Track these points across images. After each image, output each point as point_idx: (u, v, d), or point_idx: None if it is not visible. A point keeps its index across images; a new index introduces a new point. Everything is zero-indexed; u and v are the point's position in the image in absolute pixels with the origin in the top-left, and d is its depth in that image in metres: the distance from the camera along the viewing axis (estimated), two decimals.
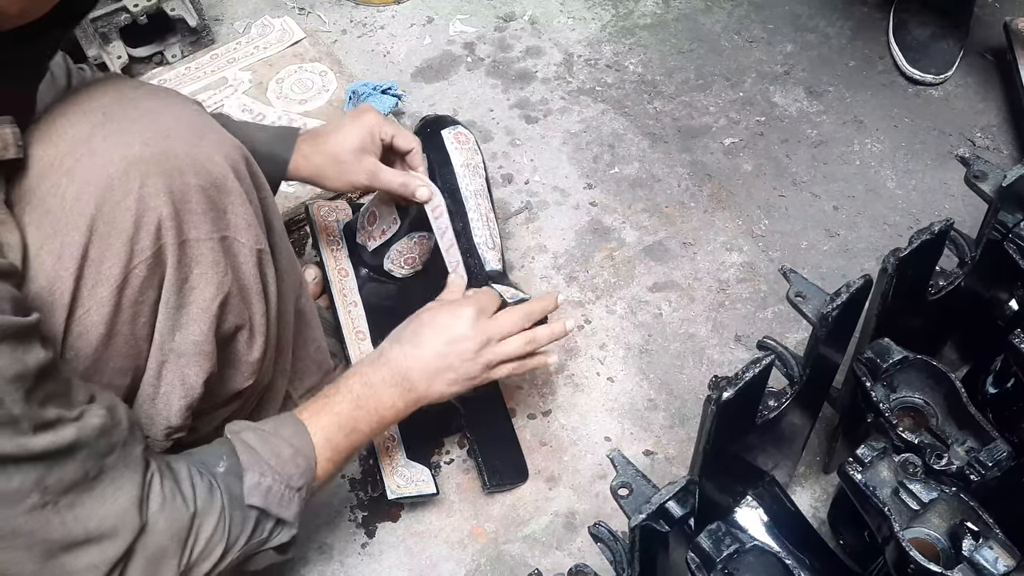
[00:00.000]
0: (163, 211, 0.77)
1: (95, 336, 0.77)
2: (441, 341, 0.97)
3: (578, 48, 1.72)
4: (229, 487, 0.81)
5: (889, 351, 0.88)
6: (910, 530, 0.80)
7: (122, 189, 0.75)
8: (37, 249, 0.73)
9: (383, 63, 1.69)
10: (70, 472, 0.68)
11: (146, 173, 0.76)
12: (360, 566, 1.11)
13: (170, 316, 0.80)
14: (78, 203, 0.74)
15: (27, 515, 0.66)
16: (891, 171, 1.51)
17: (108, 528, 0.71)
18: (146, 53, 1.62)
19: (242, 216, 0.83)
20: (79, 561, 0.71)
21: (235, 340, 0.88)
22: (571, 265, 1.40)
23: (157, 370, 0.82)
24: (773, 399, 0.89)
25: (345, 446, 0.91)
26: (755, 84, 1.65)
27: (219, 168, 0.81)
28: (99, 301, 0.76)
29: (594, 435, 1.22)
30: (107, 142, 0.75)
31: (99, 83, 0.81)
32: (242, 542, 0.81)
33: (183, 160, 0.78)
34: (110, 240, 0.75)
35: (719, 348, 1.30)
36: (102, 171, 0.74)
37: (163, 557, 0.75)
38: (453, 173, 1.17)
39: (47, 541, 0.68)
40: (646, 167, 1.53)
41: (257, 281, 0.86)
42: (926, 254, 0.89)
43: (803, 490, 1.15)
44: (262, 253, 0.86)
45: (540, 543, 1.13)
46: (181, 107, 0.82)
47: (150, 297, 0.79)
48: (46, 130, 0.76)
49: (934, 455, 0.82)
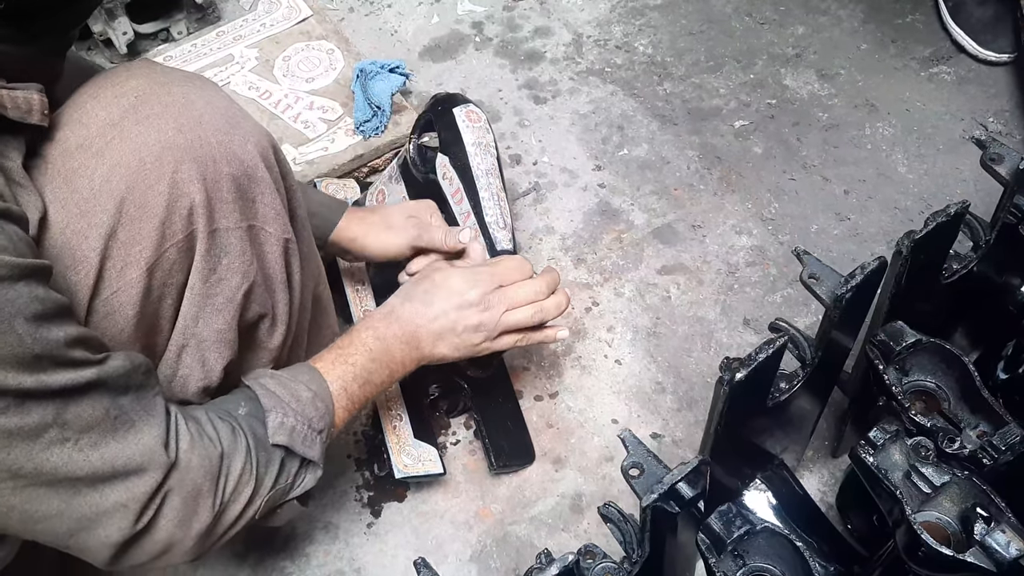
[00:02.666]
0: (196, 197, 0.76)
1: (124, 317, 0.77)
2: (451, 305, 0.97)
3: (587, 28, 1.70)
4: (252, 428, 0.80)
5: (902, 334, 0.87)
6: (921, 513, 0.80)
7: (155, 173, 0.75)
8: (62, 228, 0.73)
9: (390, 42, 1.68)
10: (89, 410, 0.68)
11: (180, 159, 0.75)
12: (366, 546, 1.11)
13: (195, 303, 0.80)
14: (108, 184, 0.73)
15: (47, 451, 0.66)
16: (902, 155, 1.50)
17: (135, 465, 0.71)
18: (152, 30, 1.60)
19: (270, 206, 0.83)
20: (106, 500, 0.70)
21: (257, 328, 0.88)
22: (579, 247, 1.39)
23: (177, 353, 0.82)
24: (784, 381, 0.88)
25: (359, 396, 0.91)
26: (766, 66, 1.63)
27: (250, 157, 0.80)
28: (128, 282, 0.76)
29: (601, 417, 1.21)
30: (140, 126, 0.75)
31: (130, 67, 0.81)
32: (269, 483, 0.80)
33: (215, 148, 0.78)
34: (141, 223, 0.75)
35: (727, 331, 1.30)
36: (134, 154, 0.74)
37: (199, 495, 0.75)
38: (464, 152, 1.16)
39: (71, 479, 0.68)
40: (655, 149, 1.52)
41: (282, 271, 0.86)
42: (941, 237, 0.88)
43: (811, 474, 1.14)
44: (288, 243, 0.86)
45: (546, 524, 1.12)
46: (213, 94, 0.81)
47: (178, 280, 0.79)
48: (75, 112, 0.76)
49: (946, 439, 0.82)
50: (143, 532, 0.73)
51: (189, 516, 0.75)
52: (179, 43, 1.60)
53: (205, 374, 0.85)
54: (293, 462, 0.83)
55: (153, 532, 0.73)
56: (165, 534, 0.74)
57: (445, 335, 0.97)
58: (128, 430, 0.71)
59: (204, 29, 1.63)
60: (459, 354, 0.99)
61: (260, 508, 0.80)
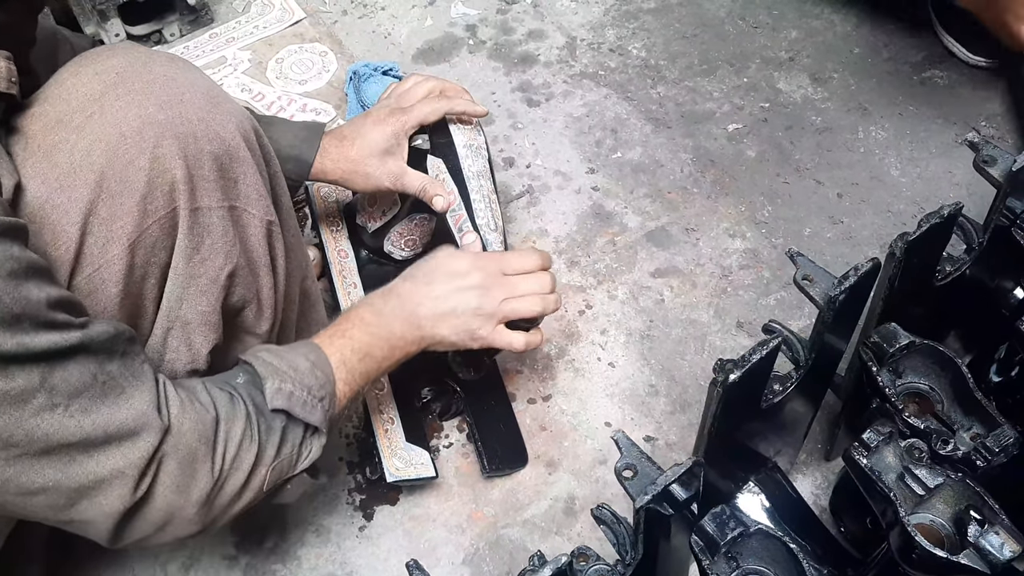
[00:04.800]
0: (177, 173, 0.76)
1: (107, 296, 0.76)
2: (453, 286, 0.96)
3: (581, 32, 1.70)
4: (251, 396, 0.80)
5: (896, 336, 0.87)
6: (915, 515, 0.79)
7: (136, 147, 0.74)
8: (42, 202, 0.72)
9: (384, 44, 1.68)
10: (76, 374, 0.67)
11: (161, 135, 0.75)
12: (358, 549, 1.10)
13: (179, 284, 0.80)
14: (88, 158, 0.73)
15: (36, 417, 0.65)
16: (895, 159, 1.50)
17: (128, 430, 0.70)
18: (144, 31, 1.60)
19: (252, 187, 0.82)
20: (103, 467, 0.69)
21: (243, 314, 0.87)
22: (572, 250, 1.39)
23: (163, 336, 0.82)
24: (778, 383, 0.88)
25: (359, 370, 0.89)
26: (759, 70, 1.64)
27: (232, 137, 0.80)
28: (110, 259, 0.75)
29: (594, 420, 1.21)
30: (120, 101, 0.75)
31: (112, 48, 0.81)
32: (271, 451, 0.79)
33: (197, 126, 0.77)
34: (122, 198, 0.74)
35: (721, 334, 1.29)
36: (114, 129, 0.74)
37: (195, 460, 0.74)
38: (455, 153, 1.15)
39: (64, 445, 0.67)
40: (649, 152, 1.52)
41: (266, 254, 0.86)
42: (934, 239, 0.88)
43: (804, 477, 1.14)
44: (271, 225, 0.86)
45: (539, 528, 1.12)
46: (194, 75, 0.81)
47: (161, 259, 0.78)
48: (57, 88, 0.76)
49: (940, 440, 0.82)
50: (143, 500, 0.72)
51: (187, 482, 0.74)
52: (172, 45, 1.60)
53: (192, 357, 0.84)
54: (296, 429, 0.82)
55: (152, 499, 0.72)
56: (164, 501, 0.73)
57: (445, 316, 0.95)
58: (119, 395, 0.70)
59: (197, 31, 1.63)
60: (458, 338, 0.97)
61: (266, 478, 0.79)
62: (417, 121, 1.11)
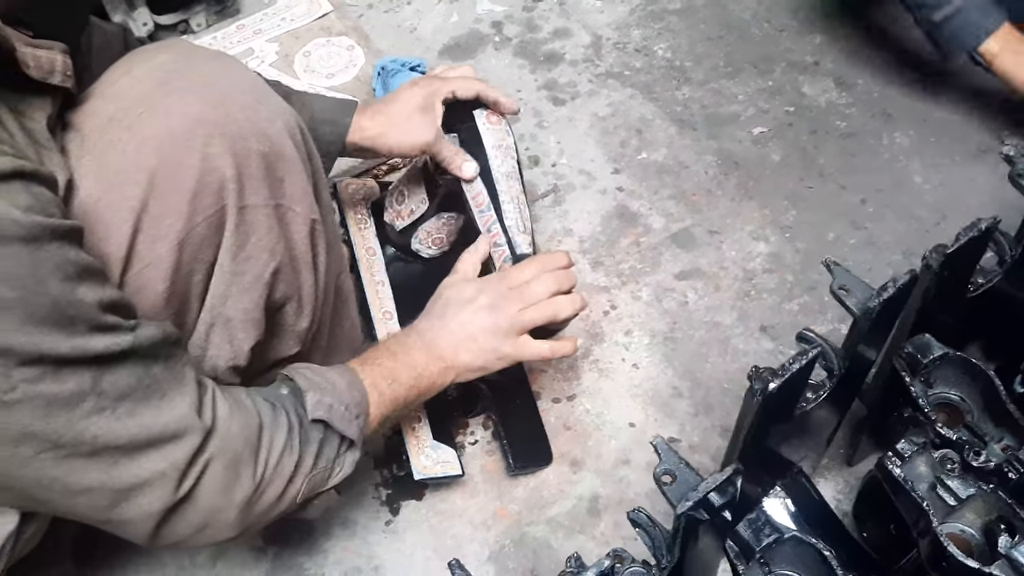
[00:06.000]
0: (227, 172, 0.77)
1: (155, 292, 0.77)
2: (464, 314, 0.99)
3: (606, 31, 1.70)
4: (293, 407, 0.81)
5: (930, 347, 0.88)
6: (945, 525, 0.81)
7: (185, 146, 0.75)
8: (95, 201, 0.73)
9: (410, 39, 1.68)
10: (124, 378, 0.67)
11: (210, 133, 0.76)
12: (384, 543, 1.11)
13: (224, 281, 0.81)
14: (139, 157, 0.74)
15: (86, 420, 0.65)
16: (919, 165, 1.51)
17: (171, 432, 0.71)
18: (171, 21, 1.60)
19: (298, 185, 0.83)
20: (145, 469, 0.70)
21: (283, 311, 0.88)
22: (597, 250, 1.40)
23: (206, 332, 0.83)
24: (811, 391, 0.89)
25: (389, 395, 0.91)
26: (784, 73, 1.64)
27: (279, 135, 0.81)
28: (158, 257, 0.76)
29: (618, 421, 1.22)
30: (169, 99, 0.76)
31: (160, 45, 0.82)
32: (310, 461, 0.81)
33: (244, 124, 0.78)
34: (171, 197, 0.75)
35: (744, 338, 1.30)
36: (164, 128, 0.75)
37: (239, 463, 0.75)
38: (485, 154, 1.16)
39: (110, 448, 0.68)
40: (673, 154, 1.52)
41: (308, 252, 0.87)
42: (971, 251, 0.89)
43: (826, 482, 1.15)
44: (315, 224, 0.86)
45: (563, 527, 1.13)
46: (240, 72, 0.82)
47: (207, 257, 0.79)
48: (109, 87, 0.77)
49: (972, 451, 0.83)
50: (184, 500, 0.73)
51: (231, 484, 0.75)
52: (199, 35, 1.60)
53: (234, 354, 0.85)
54: (332, 441, 0.84)
55: (195, 500, 0.73)
56: (207, 502, 0.74)
57: (463, 342, 0.98)
58: (160, 399, 0.71)
59: (223, 22, 1.63)
60: (484, 361, 1.00)
61: (302, 489, 0.81)
62: (451, 89, 1.13)
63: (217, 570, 1.09)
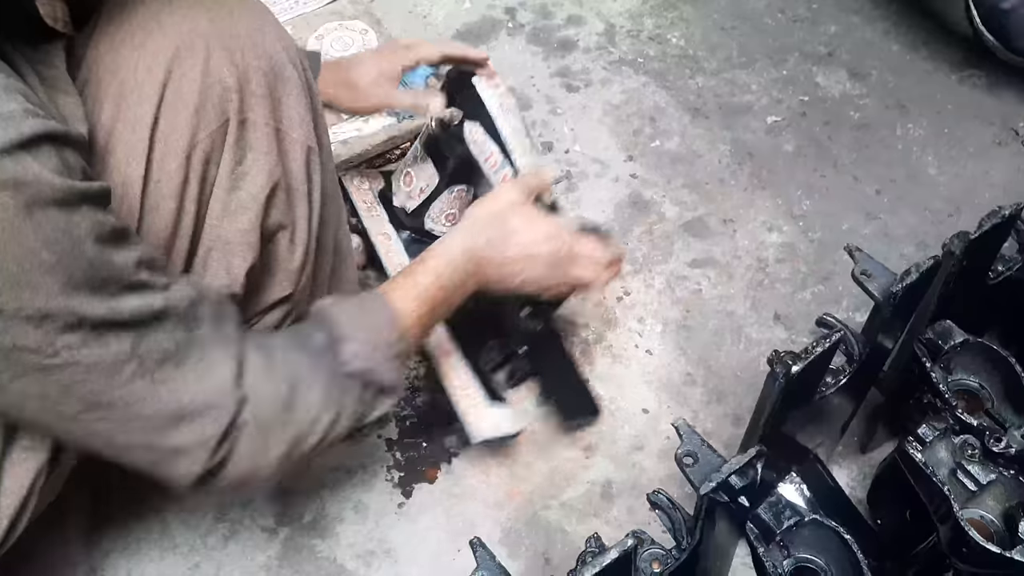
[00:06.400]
0: (228, 82, 0.78)
1: (167, 210, 0.78)
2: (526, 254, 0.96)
3: (620, 19, 1.70)
4: (326, 357, 0.80)
5: (951, 333, 0.88)
6: (966, 510, 0.80)
7: (189, 60, 0.76)
8: (113, 122, 0.74)
9: (422, 25, 1.68)
10: (162, 341, 0.67)
11: (212, 46, 0.77)
12: (396, 526, 1.11)
13: (222, 198, 0.81)
14: (149, 74, 0.75)
15: (124, 387, 0.66)
16: (933, 157, 1.51)
17: (201, 404, 0.70)
18: None
19: (296, 109, 0.83)
20: (180, 438, 0.70)
21: (277, 243, 0.88)
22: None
23: (204, 258, 0.83)
24: (831, 376, 0.89)
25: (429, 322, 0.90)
26: (798, 64, 1.64)
27: (279, 55, 0.82)
28: (168, 173, 0.77)
29: (631, 407, 1.22)
30: (174, 16, 0.77)
31: None
32: (348, 411, 0.80)
33: (246, 41, 0.79)
34: (178, 110, 0.76)
35: (757, 326, 1.30)
36: (170, 43, 0.76)
37: (272, 426, 0.75)
38: (490, 116, 1.14)
39: (141, 416, 0.68)
40: (687, 142, 1.52)
41: (304, 181, 0.86)
42: (993, 239, 0.89)
43: (840, 468, 1.15)
44: (311, 151, 0.86)
45: (577, 510, 1.13)
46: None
47: (211, 174, 0.80)
48: (117, 10, 0.78)
49: (993, 437, 0.83)
50: (221, 464, 0.73)
51: (265, 446, 0.75)
52: None
53: (230, 280, 0.85)
54: (371, 387, 0.83)
55: (231, 463, 0.74)
56: (246, 463, 0.74)
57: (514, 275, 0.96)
58: (198, 363, 0.70)
59: None
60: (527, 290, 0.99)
61: (341, 435, 0.81)
62: (415, 58, 1.14)
63: (229, 550, 1.09)
